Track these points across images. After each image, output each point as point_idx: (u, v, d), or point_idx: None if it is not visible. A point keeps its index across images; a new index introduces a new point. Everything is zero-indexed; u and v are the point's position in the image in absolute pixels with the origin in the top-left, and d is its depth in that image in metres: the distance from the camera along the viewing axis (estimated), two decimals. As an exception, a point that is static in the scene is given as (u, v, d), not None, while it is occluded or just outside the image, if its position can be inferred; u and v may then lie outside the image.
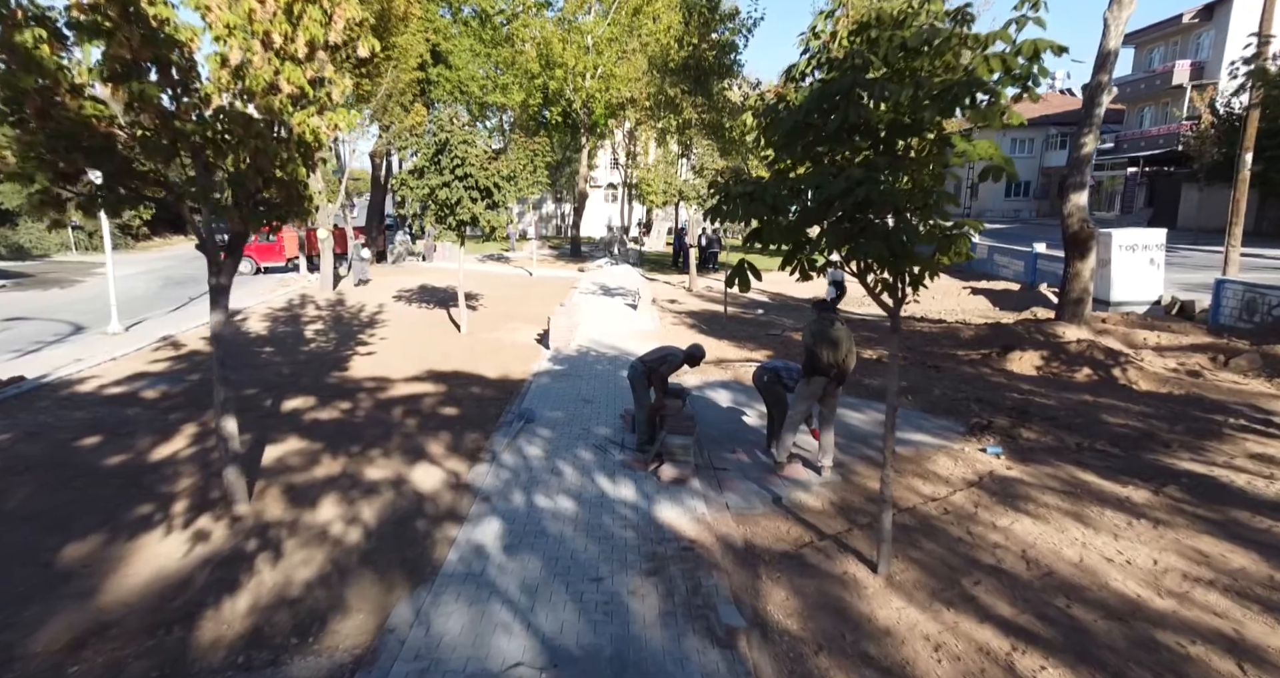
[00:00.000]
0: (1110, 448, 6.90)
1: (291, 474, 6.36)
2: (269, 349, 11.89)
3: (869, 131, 4.31)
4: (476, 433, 7.67)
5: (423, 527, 5.35)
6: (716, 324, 14.76)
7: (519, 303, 17.86)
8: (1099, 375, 9.43)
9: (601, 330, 13.77)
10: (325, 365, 10.75)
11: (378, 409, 8.52)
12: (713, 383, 9.96)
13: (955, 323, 13.94)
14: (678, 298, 19.04)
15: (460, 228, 13.01)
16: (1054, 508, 5.59)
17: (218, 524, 5.26)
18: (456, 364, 10.97)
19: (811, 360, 6.34)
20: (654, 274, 24.64)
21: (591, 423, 8.01)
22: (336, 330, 13.75)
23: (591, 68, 26.98)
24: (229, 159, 5.36)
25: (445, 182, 12.49)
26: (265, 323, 14.37)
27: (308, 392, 9.21)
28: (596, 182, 42.96)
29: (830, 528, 5.45)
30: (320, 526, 5.34)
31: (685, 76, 19.87)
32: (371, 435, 7.50)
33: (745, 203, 4.32)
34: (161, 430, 7.41)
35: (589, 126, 29.80)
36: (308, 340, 12.70)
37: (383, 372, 10.40)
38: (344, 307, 16.75)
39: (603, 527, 5.33)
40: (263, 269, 25.97)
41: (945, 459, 6.80)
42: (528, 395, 9.14)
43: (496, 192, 12.98)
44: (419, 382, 9.87)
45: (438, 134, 12.39)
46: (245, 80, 5.05)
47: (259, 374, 10.17)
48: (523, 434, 7.55)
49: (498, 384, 9.87)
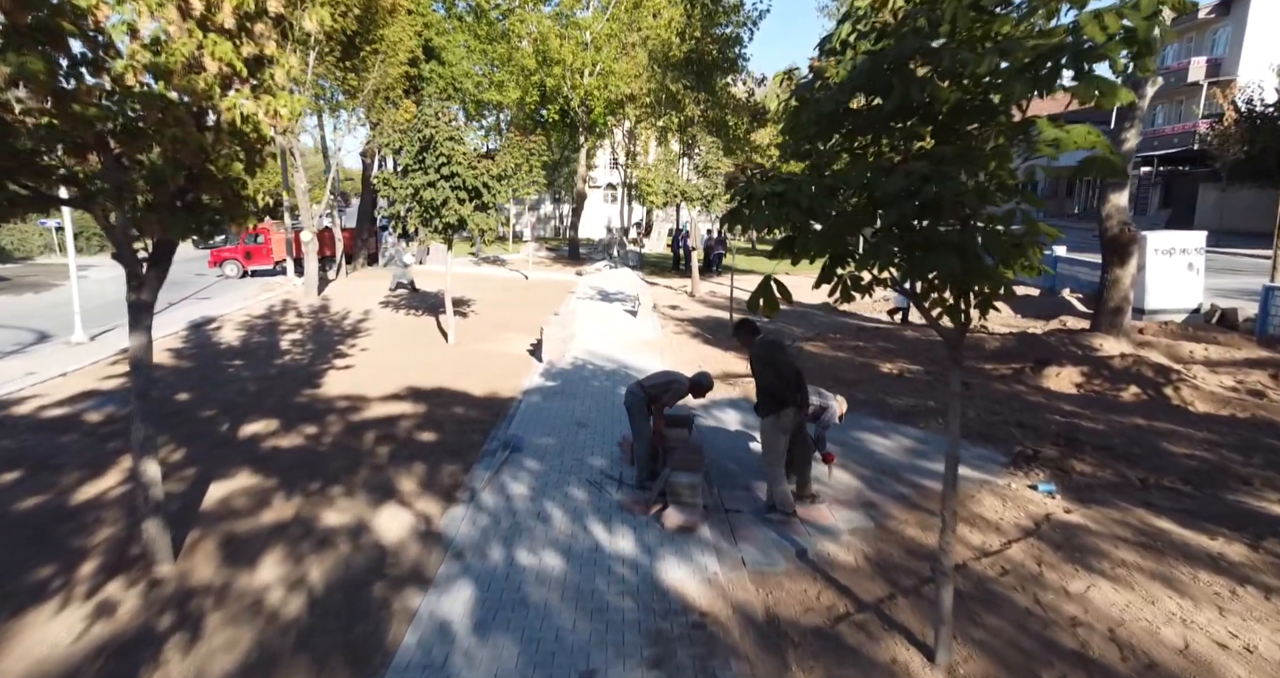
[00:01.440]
0: (1181, 486, 6.00)
1: (234, 521, 5.46)
2: (238, 362, 10.99)
3: (929, 115, 3.42)
4: (455, 464, 6.77)
5: (379, 594, 4.45)
6: (721, 333, 13.86)
7: (512, 309, 16.97)
8: (1148, 395, 8.54)
9: (599, 340, 12.88)
10: (297, 381, 9.85)
11: (347, 435, 7.62)
12: (720, 402, 9.07)
13: (978, 331, 13.03)
14: (679, 304, 18.15)
15: (447, 231, 12.12)
16: (1134, 568, 4.69)
17: (130, 592, 4.36)
18: (441, 379, 10.08)
19: (772, 393, 5.47)
20: (654, 278, 23.75)
21: (586, 452, 7.11)
22: (315, 340, 12.85)
23: (590, 64, 26.10)
24: (148, 152, 4.48)
25: (430, 181, 11.61)
26: (240, 332, 13.48)
27: (272, 413, 8.31)
28: (595, 182, 42.08)
29: (869, 593, 4.55)
30: (256, 592, 4.43)
31: (687, 72, 19.00)
32: (336, 468, 6.60)
33: (774, 206, 3.43)
34: (95, 463, 6.50)
35: (588, 125, 28.91)
36: (282, 352, 11.80)
37: (359, 389, 9.50)
38: (327, 314, 15.86)
39: (596, 594, 4.43)
40: (250, 272, 25.12)
41: (991, 499, 5.91)
42: (516, 418, 8.25)
43: (486, 192, 12.09)
44: (397, 401, 8.97)
45: (422, 130, 11.50)
46: (162, 56, 4.17)
47: (221, 392, 9.28)
48: (507, 466, 6.65)
49: (484, 404, 8.97)
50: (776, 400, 5.44)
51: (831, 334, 13.77)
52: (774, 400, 5.45)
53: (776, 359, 5.58)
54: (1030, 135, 3.29)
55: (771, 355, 5.62)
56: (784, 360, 5.60)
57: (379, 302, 17.62)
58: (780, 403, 5.43)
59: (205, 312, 15.83)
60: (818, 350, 12.26)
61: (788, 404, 5.43)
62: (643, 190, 19.54)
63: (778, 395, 5.43)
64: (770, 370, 5.52)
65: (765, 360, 5.59)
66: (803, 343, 12.82)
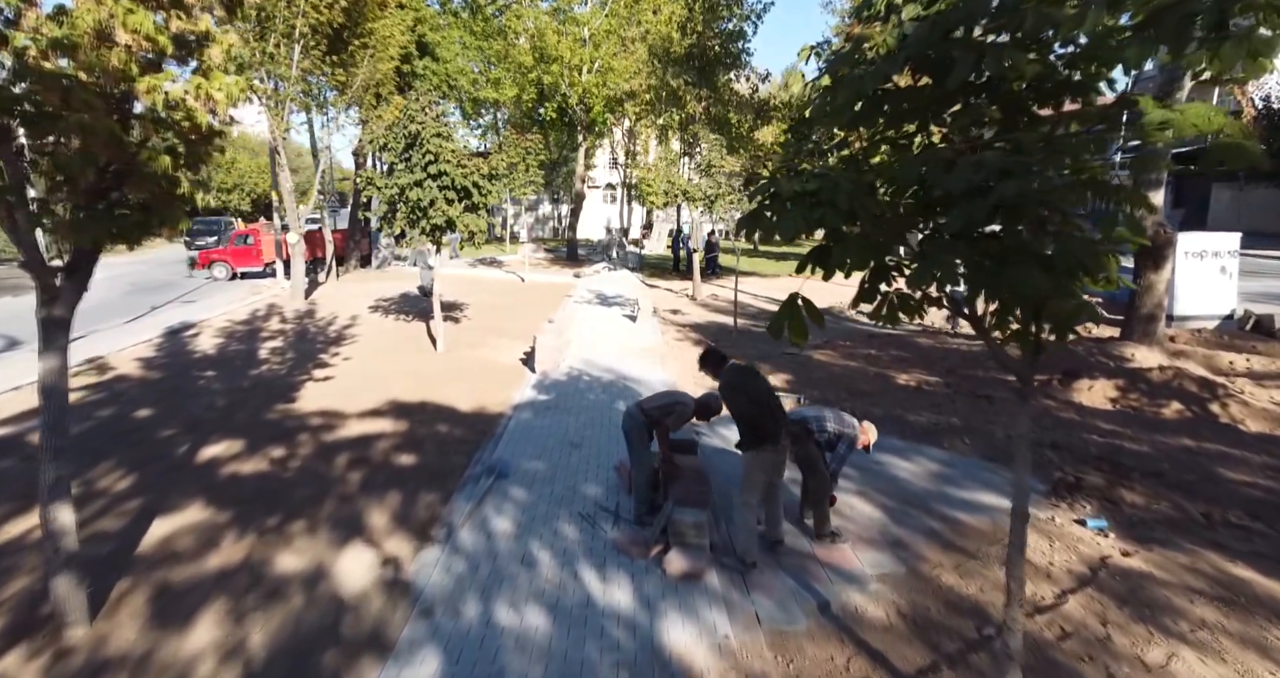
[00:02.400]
0: (1251, 522, 5.32)
1: (173, 567, 4.77)
2: (211, 373, 10.30)
3: (999, 94, 2.74)
4: (434, 493, 6.09)
5: (330, 664, 3.77)
6: (725, 340, 13.18)
7: (507, 313, 16.28)
8: (1192, 411, 7.85)
9: (596, 348, 12.20)
10: (271, 394, 9.17)
11: (318, 458, 6.93)
12: (725, 419, 8.37)
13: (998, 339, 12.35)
14: (680, 308, 17.46)
15: (435, 233, 11.44)
16: (1218, 629, 4.00)
17: (30, 666, 3.68)
18: (426, 392, 9.39)
19: (753, 426, 4.82)
20: (654, 280, 23.07)
21: (579, 478, 6.43)
22: (297, 348, 12.17)
23: (588, 61, 25.41)
24: (65, 142, 3.81)
25: (417, 180, 10.93)
26: (218, 339, 12.79)
27: (238, 432, 7.63)
28: (595, 182, 41.40)
29: (907, 660, 3.86)
30: (182, 665, 3.75)
31: (689, 67, 18.31)
32: (299, 499, 5.91)
33: (804, 208, 2.75)
34: (27, 495, 5.82)
35: (586, 124, 28.22)
36: (260, 361, 11.11)
37: (337, 403, 8.82)
38: (312, 319, 15.17)
39: (586, 665, 3.75)
40: (239, 274, 24.45)
41: (1036, 537, 5.22)
42: (503, 437, 7.56)
43: (476, 192, 11.41)
44: (376, 417, 8.29)
45: (408, 126, 10.82)
46: (63, 27, 3.49)
47: (187, 408, 8.59)
48: (491, 496, 5.97)
49: (470, 420, 8.29)
50: (757, 434, 4.79)
51: (841, 341, 13.09)
52: (754, 434, 4.81)
53: (750, 386, 4.94)
54: (1129, 117, 2.63)
55: (744, 382, 4.98)
56: (759, 386, 4.97)
57: (368, 306, 16.93)
58: (761, 437, 4.78)
59: (186, 316, 15.15)
60: (827, 359, 11.57)
61: (769, 438, 4.77)
62: (642, 190, 18.90)
63: (758, 428, 4.79)
64: (743, 399, 4.89)
65: (737, 388, 4.94)
66: (810, 351, 12.14)
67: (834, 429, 5.42)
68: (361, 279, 22.69)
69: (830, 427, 5.38)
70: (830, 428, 5.37)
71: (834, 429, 5.42)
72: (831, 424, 5.39)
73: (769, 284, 21.60)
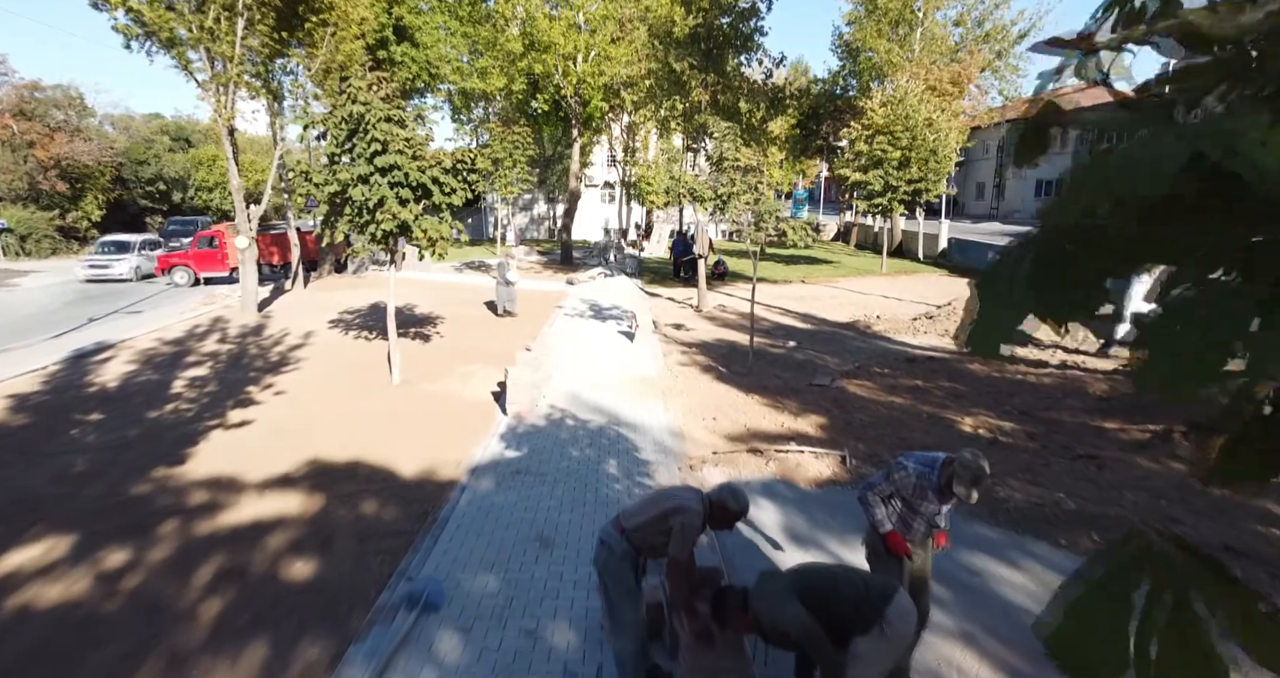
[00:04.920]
0: None
1: None
2: (95, 417, 8.19)
3: None
4: (322, 642, 4.01)
5: None
6: (738, 363, 11.10)
7: (487, 329, 14.19)
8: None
9: (585, 377, 10.12)
10: (155, 452, 7.07)
11: (169, 572, 4.84)
12: (750, 488, 6.30)
13: (1066, 366, 10.27)
14: (684, 321, 15.36)
15: (387, 239, 9.34)
16: None
17: None
18: (362, 446, 7.31)
19: (838, 632, 2.98)
20: (655, 288, 20.95)
21: (545, 610, 4.34)
22: (222, 379, 10.07)
23: (583, 49, 23.31)
24: None
25: (361, 174, 8.83)
26: (130, 367, 10.68)
27: (76, 521, 5.53)
28: (592, 180, 39.28)
29: None
30: None
31: (694, 50, 16.19)
32: (103, 661, 3.82)
33: None
34: None
35: (582, 118, 26.13)
36: (167, 398, 9.01)
37: (239, 465, 6.73)
38: (258, 337, 13.07)
39: None
40: (203, 280, 22.36)
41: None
42: (448, 526, 5.48)
43: (437, 190, 9.31)
44: (284, 490, 6.20)
45: (348, 106, 8.72)
46: None
47: (29, 474, 6.48)
48: (407, 651, 3.89)
49: (409, 494, 6.20)
50: (847, 632, 2.84)
51: (876, 367, 10.99)
52: (843, 634, 2.86)
53: (793, 613, 2.94)
54: None
55: (784, 609, 2.98)
56: (819, 585, 3.11)
57: (329, 320, 14.84)
58: (855, 628, 2.85)
59: (110, 334, 13.06)
60: (866, 393, 9.47)
61: (867, 622, 2.81)
62: (642, 189, 16.89)
63: (845, 626, 2.92)
64: (797, 628, 2.92)
65: (784, 618, 2.96)
66: (844, 380, 10.05)
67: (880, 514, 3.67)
68: (332, 287, 20.59)
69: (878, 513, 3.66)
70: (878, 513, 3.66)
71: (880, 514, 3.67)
72: (886, 516, 3.67)
73: (780, 292, 19.50)
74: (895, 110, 21.69)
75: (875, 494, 3.75)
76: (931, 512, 3.66)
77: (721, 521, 3.52)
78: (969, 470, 3.44)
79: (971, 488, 3.45)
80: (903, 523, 3.70)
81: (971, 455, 3.49)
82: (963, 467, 3.45)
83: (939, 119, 21.98)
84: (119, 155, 37.25)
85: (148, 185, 40.28)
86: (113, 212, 37.18)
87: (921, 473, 3.62)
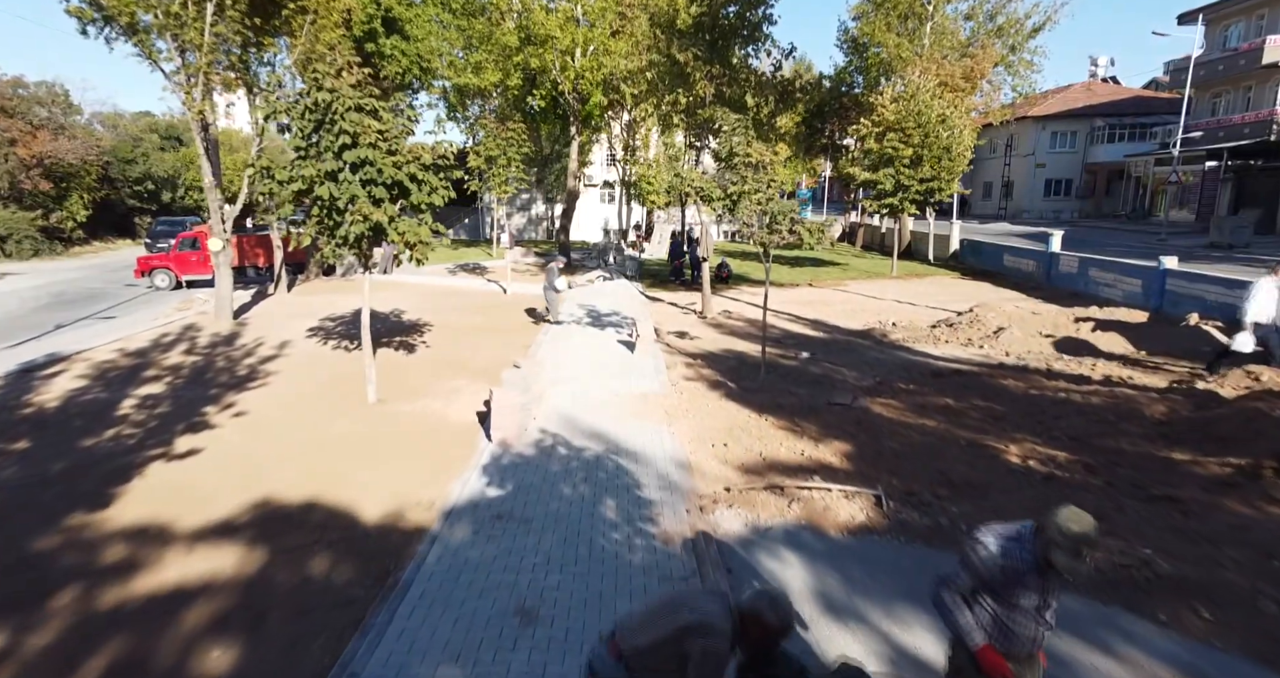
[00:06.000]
0: None
1: None
2: (21, 445, 7.21)
3: None
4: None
5: None
6: (748, 377, 10.14)
7: (477, 337, 13.21)
8: None
9: (580, 395, 9.16)
10: (80, 491, 6.10)
11: (51, 662, 3.87)
12: (770, 536, 5.37)
13: (1119, 384, 9.28)
14: (688, 329, 14.40)
15: (359, 244, 8.38)
16: None
17: None
18: (322, 482, 6.35)
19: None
20: (656, 292, 19.98)
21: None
22: (180, 397, 9.10)
23: (582, 42, 22.35)
24: None
25: (329, 171, 7.86)
26: (82, 381, 9.72)
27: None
28: (591, 179, 38.30)
29: None
30: None
31: (698, 40, 15.21)
32: None
33: None
34: None
35: (580, 116, 25.18)
36: (111, 422, 8.04)
37: (174, 507, 5.77)
38: (229, 348, 12.11)
39: None
40: (185, 283, 21.40)
41: None
42: (410, 594, 4.51)
43: (415, 188, 8.35)
44: (220, 541, 5.24)
45: (313, 93, 7.75)
46: None
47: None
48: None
49: (369, 546, 5.24)
50: None
51: (900, 381, 10.02)
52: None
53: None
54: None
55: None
56: None
57: (309, 328, 13.86)
58: None
59: (68, 344, 12.09)
60: (892, 414, 8.49)
61: None
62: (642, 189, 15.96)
63: None
64: None
65: None
66: (867, 398, 9.07)
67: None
68: (317, 291, 19.61)
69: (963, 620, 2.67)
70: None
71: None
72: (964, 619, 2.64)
73: (787, 296, 18.50)
74: (907, 106, 20.71)
75: (953, 593, 2.78)
76: (1032, 605, 2.69)
77: (756, 640, 2.55)
78: (1068, 536, 2.46)
79: (1076, 558, 2.47)
80: (999, 630, 2.72)
81: (1067, 514, 2.52)
82: (1060, 532, 2.47)
83: (952, 115, 20.99)
84: (105, 154, 36.26)
85: (136, 185, 39.28)
86: (99, 212, 36.17)
87: (1007, 551, 2.65)
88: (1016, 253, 21.72)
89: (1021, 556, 2.56)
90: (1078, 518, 2.46)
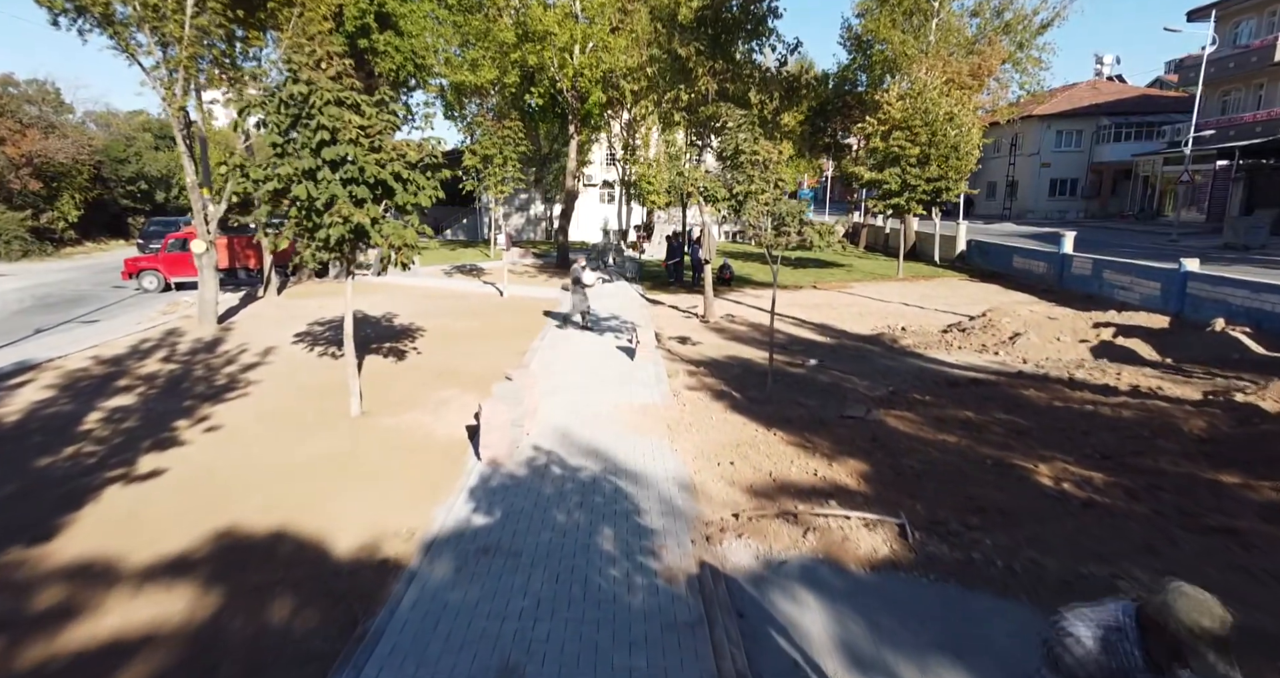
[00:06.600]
0: None
1: None
2: (-29, 467, 6.69)
3: None
4: None
5: None
6: (754, 387, 9.60)
7: (471, 343, 12.67)
8: None
9: (577, 407, 8.62)
10: (25, 519, 5.56)
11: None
12: (785, 572, 4.83)
13: (1149, 395, 8.73)
14: (690, 334, 13.85)
15: (340, 247, 7.83)
16: None
17: None
18: (294, 507, 5.81)
19: None
20: (656, 294, 19.43)
21: None
22: (151, 409, 8.57)
23: (580, 39, 21.81)
24: None
25: (307, 169, 7.32)
26: (49, 392, 9.18)
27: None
28: (591, 179, 37.76)
29: None
30: None
31: (700, 34, 14.67)
32: None
33: None
34: None
35: (579, 115, 24.65)
36: (75, 437, 7.50)
37: (127, 538, 5.23)
38: (210, 355, 11.56)
39: None
40: (173, 285, 20.85)
41: None
42: (380, 647, 3.97)
43: (401, 188, 7.81)
44: (173, 580, 4.70)
45: (289, 85, 7.21)
46: None
47: None
48: None
49: (339, 586, 4.70)
50: None
51: (915, 393, 9.47)
52: None
53: None
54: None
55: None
56: None
57: (296, 333, 13.32)
58: None
59: (40, 352, 11.55)
60: (909, 428, 7.94)
61: None
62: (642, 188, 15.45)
63: None
64: None
65: None
66: (880, 410, 8.52)
67: None
68: (309, 293, 19.06)
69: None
70: None
71: None
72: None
73: (791, 299, 17.95)
74: (914, 104, 20.17)
75: None
76: None
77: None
78: (1203, 634, 1.92)
79: (1224, 655, 1.92)
80: None
81: (1190, 605, 1.97)
82: (1187, 630, 1.92)
83: (960, 113, 20.46)
84: (97, 153, 35.72)
85: (128, 184, 38.74)
86: (92, 212, 35.62)
87: (1110, 647, 2.11)
88: (1027, 254, 21.18)
89: (1128, 651, 2.03)
90: (1204, 608, 1.91)
